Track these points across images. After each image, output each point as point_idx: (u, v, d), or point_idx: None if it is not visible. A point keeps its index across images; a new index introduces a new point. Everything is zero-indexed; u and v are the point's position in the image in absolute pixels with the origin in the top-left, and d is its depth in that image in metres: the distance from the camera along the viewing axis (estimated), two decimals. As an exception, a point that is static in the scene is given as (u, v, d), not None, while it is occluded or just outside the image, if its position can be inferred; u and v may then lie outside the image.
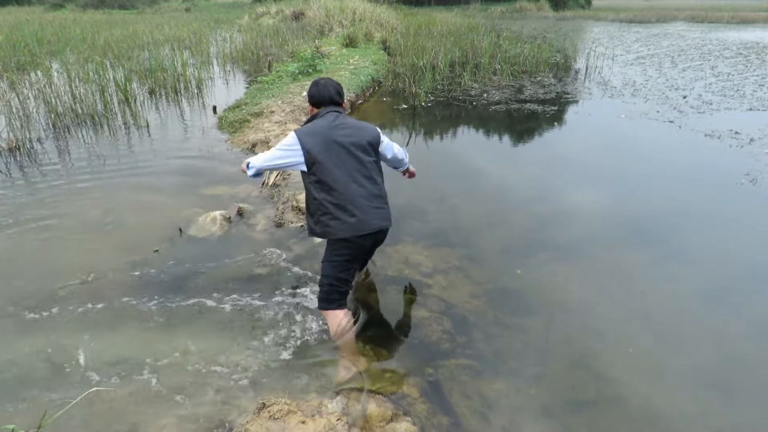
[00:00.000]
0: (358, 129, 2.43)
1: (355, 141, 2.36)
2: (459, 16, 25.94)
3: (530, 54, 11.94)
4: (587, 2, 46.53)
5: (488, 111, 7.57)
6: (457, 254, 3.42)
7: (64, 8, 38.93)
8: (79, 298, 2.88)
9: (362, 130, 2.44)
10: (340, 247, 2.37)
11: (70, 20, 22.22)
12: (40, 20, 21.33)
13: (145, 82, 8.77)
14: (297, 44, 13.11)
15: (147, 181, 4.71)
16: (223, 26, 21.71)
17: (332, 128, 2.35)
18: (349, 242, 2.33)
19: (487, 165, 5.43)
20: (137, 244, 3.46)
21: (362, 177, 2.35)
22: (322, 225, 2.34)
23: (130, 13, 33.81)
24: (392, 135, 6.51)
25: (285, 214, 3.90)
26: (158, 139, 6.08)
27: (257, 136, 5.76)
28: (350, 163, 2.33)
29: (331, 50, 11.63)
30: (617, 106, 7.81)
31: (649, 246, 3.65)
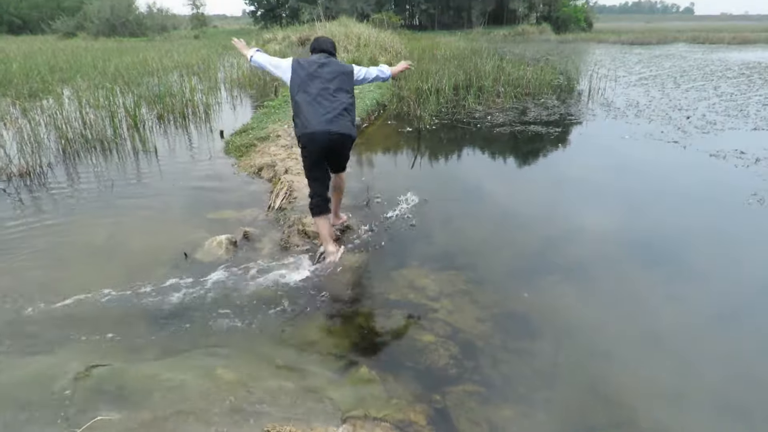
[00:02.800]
0: (336, 64, 3.45)
1: (326, 72, 3.36)
2: (462, 40, 26.33)
3: (533, 76, 12.04)
4: (588, 25, 47.15)
5: (492, 133, 7.61)
6: (463, 277, 3.40)
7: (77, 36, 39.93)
8: (82, 322, 2.87)
9: (339, 65, 3.46)
10: (302, 147, 3.40)
11: (82, 48, 22.73)
12: (52, 48, 21.82)
13: (154, 107, 8.90)
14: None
15: (154, 205, 4.75)
16: (230, 52, 22.10)
17: (318, 64, 3.38)
18: (304, 139, 3.32)
19: (493, 186, 5.44)
20: (142, 269, 3.46)
21: (323, 98, 3.29)
22: (294, 124, 3.38)
23: (140, 41, 34.59)
24: (397, 157, 6.55)
25: (291, 237, 3.90)
26: (166, 163, 6.14)
27: (264, 159, 5.81)
28: (319, 87, 3.31)
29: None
30: (621, 127, 7.83)
31: (658, 266, 3.61)
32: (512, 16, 45.29)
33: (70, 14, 46.53)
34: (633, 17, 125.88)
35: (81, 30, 42.07)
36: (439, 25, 44.83)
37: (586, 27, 46.45)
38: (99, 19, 41.18)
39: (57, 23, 44.60)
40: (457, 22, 45.27)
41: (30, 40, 34.76)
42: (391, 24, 30.24)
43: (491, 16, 46.47)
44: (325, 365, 2.55)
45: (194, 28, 47.73)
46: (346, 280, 3.39)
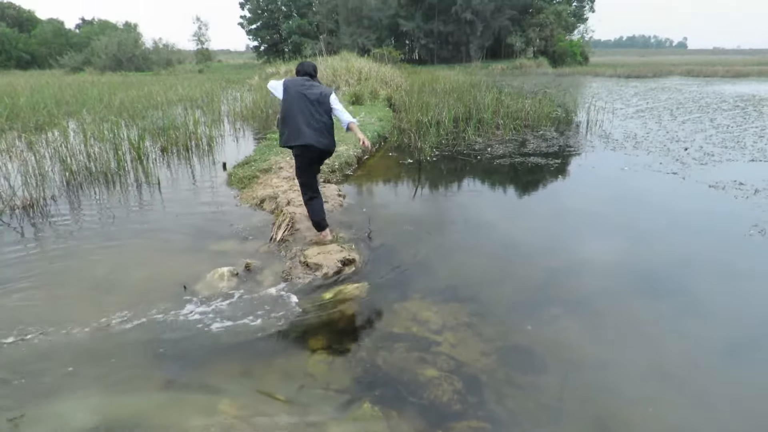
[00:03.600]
0: (317, 87, 4.16)
1: (311, 94, 4.08)
2: (461, 73, 26.86)
3: (532, 109, 12.25)
4: (585, 59, 48.19)
5: (492, 165, 7.69)
6: (466, 310, 3.37)
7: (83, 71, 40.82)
8: (80, 356, 2.84)
9: (319, 88, 4.15)
10: (296, 155, 4.23)
11: (89, 82, 23.19)
12: (60, 83, 22.25)
13: (157, 140, 9.02)
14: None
15: (156, 237, 4.75)
16: (234, 86, 22.54)
17: (302, 85, 4.12)
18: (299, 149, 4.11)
19: (494, 218, 5.46)
20: (142, 301, 3.44)
21: (307, 114, 4.04)
22: (281, 136, 4.17)
23: (145, 75, 35.30)
24: (398, 189, 6.59)
25: (293, 269, 3.89)
26: (169, 195, 6.18)
27: (266, 191, 5.85)
28: (302, 105, 4.04)
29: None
30: (620, 159, 7.91)
31: (661, 299, 3.59)
32: (510, 51, 46.34)
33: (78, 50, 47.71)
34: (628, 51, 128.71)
35: (88, 65, 43.06)
36: (439, 60, 45.81)
37: (583, 61, 47.49)
38: (106, 55, 42.18)
39: (65, 58, 45.67)
40: (455, 56, 46.27)
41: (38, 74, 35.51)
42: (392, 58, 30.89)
43: (489, 50, 47.55)
44: (327, 400, 2.51)
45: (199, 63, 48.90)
46: (349, 312, 3.37)
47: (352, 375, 2.73)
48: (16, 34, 57.14)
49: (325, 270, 3.84)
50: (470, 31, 44.15)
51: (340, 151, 7.71)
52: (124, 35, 46.87)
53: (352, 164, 7.51)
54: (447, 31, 44.70)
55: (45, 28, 59.39)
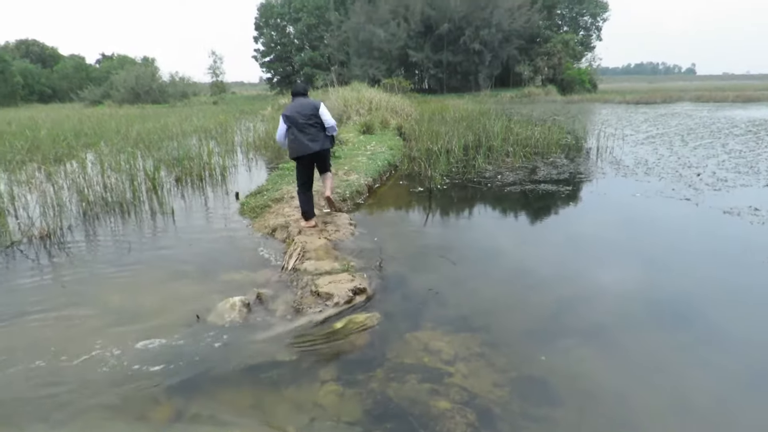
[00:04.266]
0: (308, 104, 5.26)
1: (304, 111, 5.21)
2: (470, 102, 27.15)
3: (541, 136, 12.30)
4: (593, 86, 48.42)
5: (503, 192, 7.69)
6: (478, 340, 3.32)
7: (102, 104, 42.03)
8: (92, 385, 2.84)
9: (310, 104, 5.26)
10: (297, 161, 5.38)
11: (107, 115, 23.81)
12: (79, 116, 22.89)
13: (172, 170, 9.18)
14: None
15: (169, 267, 4.79)
16: (247, 117, 23.00)
17: (297, 106, 5.24)
18: (298, 157, 5.30)
19: (505, 246, 5.43)
20: (154, 331, 3.45)
21: (305, 127, 5.20)
22: (290, 150, 5.32)
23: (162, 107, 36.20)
24: (409, 217, 6.60)
25: (304, 299, 3.88)
26: (182, 225, 6.25)
27: (277, 220, 5.89)
28: (300, 123, 5.19)
29: (349, 137, 12.14)
30: (632, 185, 7.87)
31: (680, 328, 3.51)
32: (518, 79, 46.77)
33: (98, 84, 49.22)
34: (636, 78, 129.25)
35: (107, 98, 44.35)
36: (448, 89, 46.36)
37: (591, 88, 47.71)
38: (124, 88, 43.44)
39: (85, 92, 47.10)
40: (464, 85, 46.80)
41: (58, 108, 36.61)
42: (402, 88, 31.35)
43: (498, 79, 48.07)
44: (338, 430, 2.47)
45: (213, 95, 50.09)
46: (360, 342, 3.34)
47: (363, 407, 2.69)
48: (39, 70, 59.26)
49: (336, 299, 3.83)
50: (479, 60, 44.77)
51: (350, 180, 7.78)
52: (142, 69, 48.34)
53: (363, 193, 7.55)
54: (456, 61, 45.36)
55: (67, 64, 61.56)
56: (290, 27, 57.74)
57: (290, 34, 58.00)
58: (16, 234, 5.67)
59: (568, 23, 53.54)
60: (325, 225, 5.72)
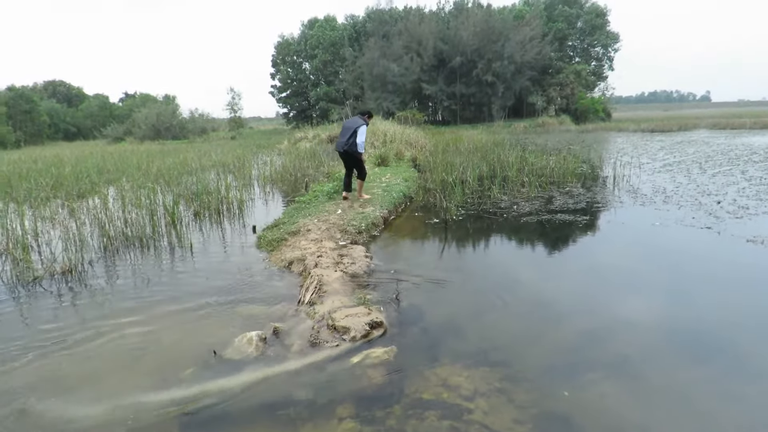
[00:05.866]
0: (353, 121, 8.39)
1: (348, 125, 8.39)
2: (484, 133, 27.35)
3: (556, 165, 12.29)
4: (607, 115, 48.50)
5: (519, 222, 7.65)
6: (498, 374, 3.26)
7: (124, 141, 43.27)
8: (107, 421, 2.83)
9: (355, 122, 8.34)
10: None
11: (129, 151, 24.48)
12: (102, 152, 23.57)
13: (191, 204, 9.34)
14: (332, 165, 13.94)
15: (187, 300, 4.82)
16: (264, 151, 23.43)
17: (348, 120, 8.54)
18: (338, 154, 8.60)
19: (523, 277, 5.36)
20: (172, 367, 3.45)
21: (344, 136, 8.32)
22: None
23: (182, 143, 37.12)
24: (425, 248, 6.58)
25: (320, 333, 3.87)
26: (200, 259, 6.32)
27: (294, 254, 5.92)
28: (344, 131, 8.38)
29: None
30: (650, 214, 7.77)
31: (705, 361, 3.40)
32: (531, 110, 47.13)
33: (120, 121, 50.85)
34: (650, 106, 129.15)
35: (129, 135, 45.69)
36: (461, 120, 46.84)
37: (605, 117, 47.77)
38: (146, 125, 44.75)
39: (108, 130, 48.64)
40: (478, 116, 47.27)
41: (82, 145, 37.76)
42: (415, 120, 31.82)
43: (511, 110, 48.48)
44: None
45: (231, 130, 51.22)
46: (377, 377, 3.29)
47: (382, 445, 2.63)
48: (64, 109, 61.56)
49: (353, 333, 3.80)
50: (492, 92, 45.31)
51: (366, 212, 7.82)
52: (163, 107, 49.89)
53: (379, 225, 7.58)
54: (469, 93, 45.97)
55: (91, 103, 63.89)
56: (306, 63, 59.34)
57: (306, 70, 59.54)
58: (38, 269, 5.78)
59: (580, 54, 54.10)
60: (341, 258, 5.73)
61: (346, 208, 8.11)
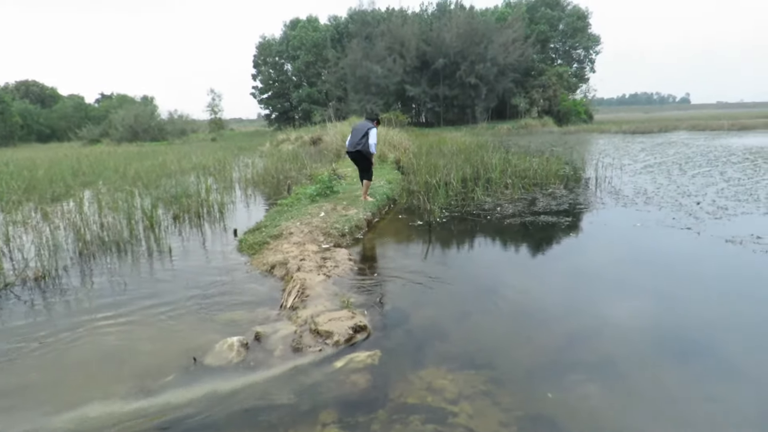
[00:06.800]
0: (364, 124, 8.62)
1: (360, 127, 8.60)
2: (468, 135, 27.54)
3: (539, 167, 12.43)
4: (589, 117, 49.31)
5: (503, 224, 7.71)
6: (482, 377, 3.27)
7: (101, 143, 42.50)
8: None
9: (365, 124, 8.59)
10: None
11: (106, 153, 24.07)
12: (77, 155, 23.13)
13: (170, 208, 9.21)
14: (315, 167, 13.91)
15: (166, 306, 4.74)
16: (245, 153, 23.26)
17: (359, 123, 8.81)
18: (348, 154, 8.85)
19: (507, 279, 5.40)
20: (151, 375, 3.39)
21: (355, 137, 8.55)
22: None
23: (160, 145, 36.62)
24: (409, 251, 6.59)
25: (303, 338, 3.84)
26: (179, 264, 6.23)
27: (276, 257, 5.88)
28: (355, 133, 8.60)
29: (347, 172, 12.25)
30: (632, 215, 7.90)
31: (688, 362, 3.46)
32: (514, 112, 47.62)
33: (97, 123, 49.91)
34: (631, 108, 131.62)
35: (105, 137, 44.89)
36: (445, 122, 47.10)
37: (587, 119, 48.57)
38: (123, 126, 43.99)
39: (83, 131, 47.70)
40: (461, 118, 47.59)
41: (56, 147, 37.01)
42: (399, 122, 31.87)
43: (494, 111, 48.94)
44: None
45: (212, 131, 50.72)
46: (361, 382, 3.28)
47: (366, 451, 2.62)
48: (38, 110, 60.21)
49: (336, 338, 3.79)
50: (475, 94, 45.67)
51: (349, 215, 7.81)
52: (141, 108, 49.12)
53: (362, 227, 7.57)
54: (452, 95, 46.28)
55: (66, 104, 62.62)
56: (288, 64, 59.14)
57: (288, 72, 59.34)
58: (10, 276, 5.64)
59: (562, 56, 54.91)
60: (324, 261, 5.70)
61: (329, 211, 8.08)
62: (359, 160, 8.73)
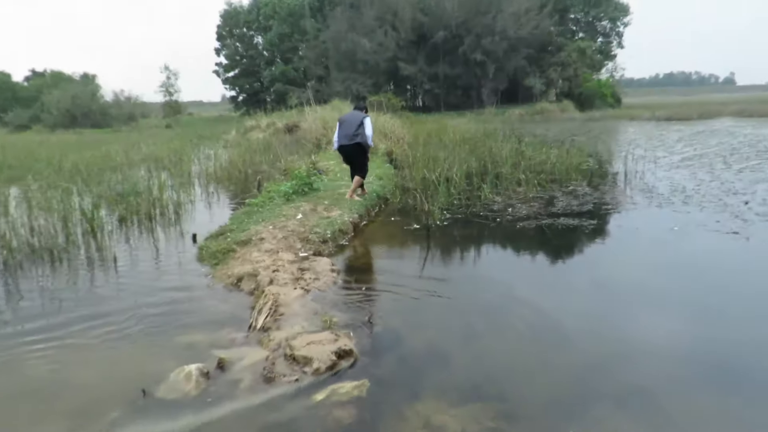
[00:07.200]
0: (354, 115, 9.07)
1: (351, 118, 8.92)
2: (473, 121, 27.70)
3: (558, 160, 12.51)
4: (616, 100, 49.66)
5: (515, 228, 7.74)
6: (491, 411, 3.27)
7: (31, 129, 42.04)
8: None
9: (357, 115, 8.94)
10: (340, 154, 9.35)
11: (37, 142, 23.87)
12: (2, 143, 22.87)
13: (115, 208, 9.15)
14: (291, 160, 13.87)
15: (110, 327, 4.69)
16: (207, 142, 23.20)
17: (348, 116, 9.16)
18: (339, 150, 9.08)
19: (520, 294, 5.40)
20: (88, 413, 3.35)
21: (347, 128, 8.74)
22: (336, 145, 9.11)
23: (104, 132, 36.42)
24: (404, 261, 6.59)
25: (276, 365, 3.81)
26: (126, 275, 6.18)
27: (244, 268, 5.85)
28: (345, 125, 8.83)
29: (329, 166, 12.25)
30: (668, 217, 7.97)
31: (737, 396, 3.47)
32: (528, 94, 47.96)
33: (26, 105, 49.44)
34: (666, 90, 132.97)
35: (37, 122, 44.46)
36: (446, 106, 47.31)
37: (614, 103, 48.96)
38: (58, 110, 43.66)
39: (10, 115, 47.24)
40: (465, 102, 47.84)
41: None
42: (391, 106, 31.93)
43: (504, 94, 49.22)
44: None
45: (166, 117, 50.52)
46: (346, 418, 3.26)
47: (352, 501, 2.61)
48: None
49: (317, 365, 3.76)
50: (481, 73, 45.95)
51: (332, 217, 7.80)
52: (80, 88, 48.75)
53: (348, 232, 7.55)
54: (454, 74, 46.51)
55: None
56: (259, 37, 59.09)
57: (258, 45, 59.28)
58: None
59: (584, 29, 55.40)
60: (302, 272, 5.69)
61: (308, 212, 8.06)
62: (356, 154, 8.83)
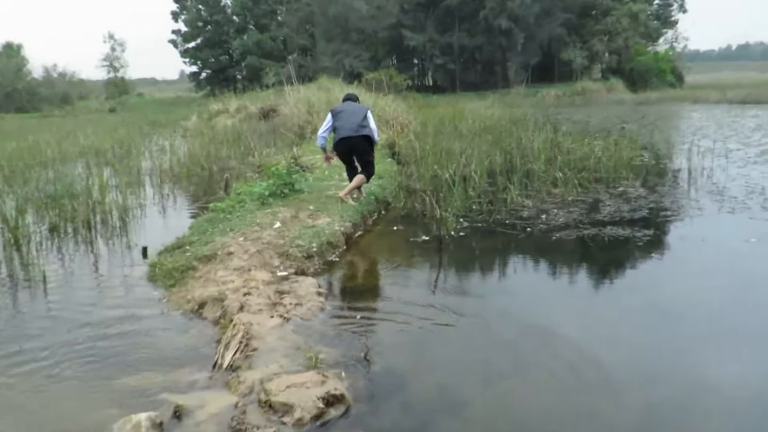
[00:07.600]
0: (357, 106, 9.46)
1: (353, 109, 9.22)
2: (497, 104, 27.70)
3: (604, 154, 12.51)
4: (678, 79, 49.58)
5: (550, 240, 7.73)
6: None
7: (-69, 114, 42.07)
8: None
9: (359, 106, 9.43)
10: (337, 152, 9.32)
11: (-54, 131, 23.81)
12: None
13: (45, 214, 9.16)
14: (267, 154, 13.90)
15: (36, 364, 4.69)
16: (161, 131, 23.24)
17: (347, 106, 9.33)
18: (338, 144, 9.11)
19: (556, 323, 5.38)
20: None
21: (352, 118, 8.93)
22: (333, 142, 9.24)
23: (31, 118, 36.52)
24: (408, 280, 6.59)
25: (248, 413, 3.81)
26: (58, 299, 6.18)
27: (207, 290, 5.85)
28: (348, 115, 8.99)
29: (314, 161, 12.25)
30: (743, 225, 7.97)
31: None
32: (567, 71, 48.08)
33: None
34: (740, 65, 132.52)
35: (-58, 106, 44.55)
36: (462, 86, 47.40)
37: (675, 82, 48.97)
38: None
39: None
40: (487, 80, 47.99)
41: None
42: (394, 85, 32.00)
43: (536, 70, 49.35)
44: None
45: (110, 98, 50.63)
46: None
47: None
48: None
49: (299, 414, 3.76)
50: (507, 44, 46.08)
51: (318, 226, 7.78)
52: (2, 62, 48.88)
53: (338, 245, 7.54)
54: (473, 46, 46.65)
55: None
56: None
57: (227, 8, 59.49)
58: None
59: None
60: (281, 296, 5.68)
61: (288, 220, 8.05)
62: (363, 151, 9.01)
